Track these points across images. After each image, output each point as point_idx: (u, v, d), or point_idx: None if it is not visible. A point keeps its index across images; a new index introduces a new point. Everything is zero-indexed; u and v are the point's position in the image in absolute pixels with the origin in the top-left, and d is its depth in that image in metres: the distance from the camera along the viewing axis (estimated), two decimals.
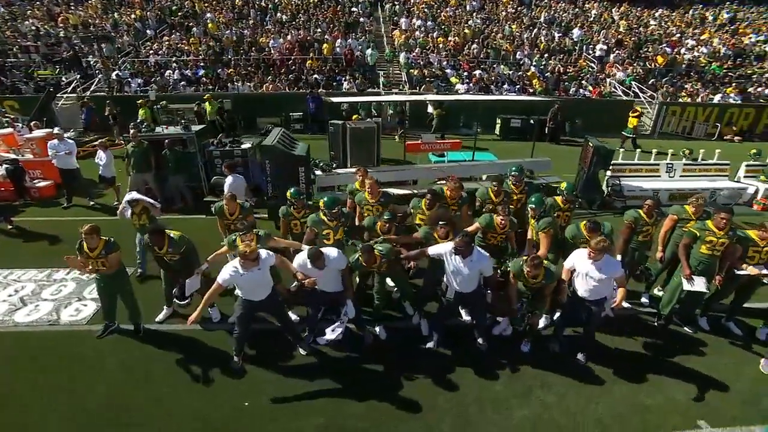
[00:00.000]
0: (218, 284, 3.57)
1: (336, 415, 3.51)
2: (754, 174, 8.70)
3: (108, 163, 7.58)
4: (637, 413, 3.63)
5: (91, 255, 3.88)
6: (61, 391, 3.70)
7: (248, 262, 3.40)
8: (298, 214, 4.62)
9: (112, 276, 4.10)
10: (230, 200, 4.58)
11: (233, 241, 4.05)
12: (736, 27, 22.24)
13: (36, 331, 4.52)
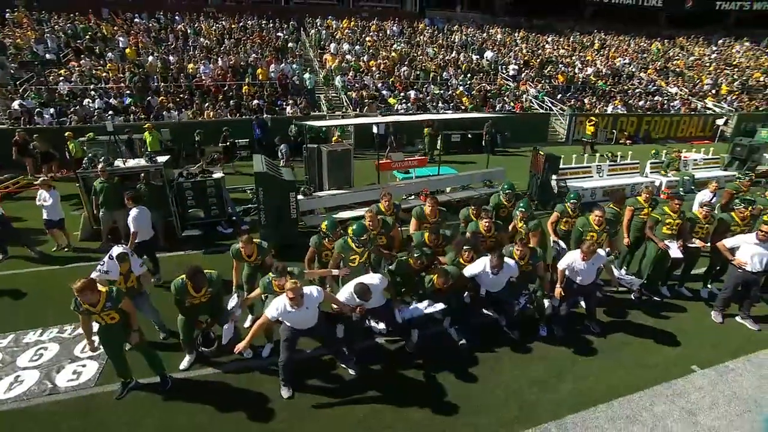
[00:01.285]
0: (266, 318, 3.56)
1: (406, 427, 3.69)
2: (656, 170, 10.75)
3: (55, 203, 6.74)
4: (646, 371, 4.40)
5: (94, 310, 3.52)
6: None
7: (296, 302, 3.45)
8: (330, 245, 4.67)
9: (117, 323, 3.70)
10: (247, 243, 4.39)
11: (268, 283, 3.99)
12: (607, 52, 27.00)
13: (31, 405, 3.90)
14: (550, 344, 4.78)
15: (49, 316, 5.16)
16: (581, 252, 4.43)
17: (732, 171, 10.96)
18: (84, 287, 3.32)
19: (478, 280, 4.56)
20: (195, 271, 3.76)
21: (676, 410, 3.90)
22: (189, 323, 4.14)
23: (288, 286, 3.42)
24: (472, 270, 4.45)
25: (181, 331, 4.15)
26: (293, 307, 3.46)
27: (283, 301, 3.48)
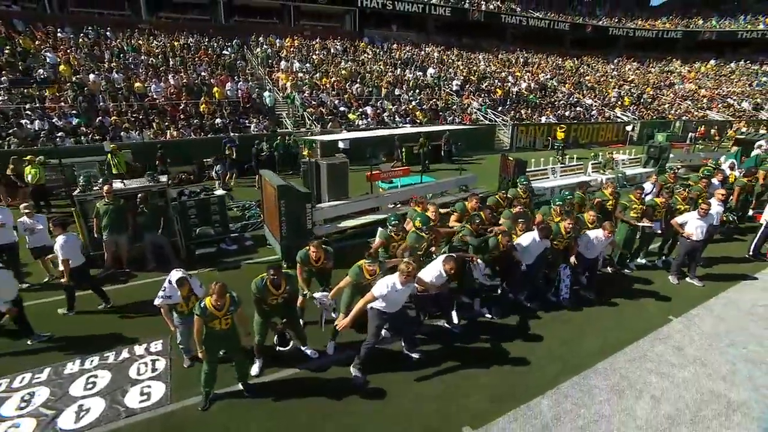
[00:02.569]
0: (372, 296, 4.07)
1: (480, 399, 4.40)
2: (597, 170, 12.75)
3: (45, 228, 6.40)
4: (638, 324, 5.58)
5: (218, 314, 3.78)
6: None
7: (409, 279, 4.04)
8: (398, 237, 5.25)
9: (228, 331, 3.95)
10: (318, 247, 4.77)
11: (359, 271, 4.48)
12: (532, 68, 30.59)
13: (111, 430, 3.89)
14: (563, 311, 5.81)
15: (78, 346, 5.01)
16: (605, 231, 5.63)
17: (649, 168, 13.38)
18: (221, 291, 3.60)
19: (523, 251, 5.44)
20: (277, 268, 4.13)
21: (669, 348, 5.06)
22: (265, 325, 4.42)
23: (403, 266, 3.97)
24: (527, 239, 5.37)
25: (258, 333, 4.39)
26: (402, 284, 4.00)
27: (393, 279, 4.01)
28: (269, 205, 7.09)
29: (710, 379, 4.55)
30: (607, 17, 39.69)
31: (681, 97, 30.97)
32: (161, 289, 4.25)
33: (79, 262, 5.59)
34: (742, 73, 37.81)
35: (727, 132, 21.81)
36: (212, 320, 3.74)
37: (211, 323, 3.75)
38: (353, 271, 4.50)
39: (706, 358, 4.90)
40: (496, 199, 7.06)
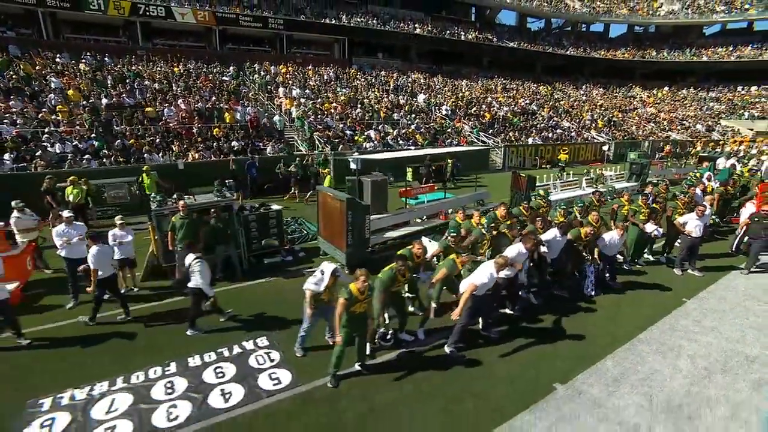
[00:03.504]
0: (475, 285, 5.05)
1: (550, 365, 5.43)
2: (590, 184, 14.40)
3: (132, 240, 7.01)
4: (660, 307, 6.81)
5: (361, 298, 4.56)
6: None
7: (502, 268, 5.07)
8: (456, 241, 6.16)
9: (363, 315, 4.74)
10: (420, 244, 5.78)
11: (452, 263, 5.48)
12: (512, 93, 33.14)
13: (261, 407, 4.55)
14: (595, 300, 6.97)
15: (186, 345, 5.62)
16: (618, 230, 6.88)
17: (633, 183, 15.20)
18: (367, 276, 4.44)
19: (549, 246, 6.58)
20: (403, 259, 5.07)
21: (690, 322, 6.28)
22: (381, 312, 5.29)
23: (500, 260, 5.04)
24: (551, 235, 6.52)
25: (376, 318, 5.17)
26: (496, 272, 5.01)
27: (490, 269, 5.01)
28: (331, 217, 7.96)
29: (728, 341, 5.78)
30: (573, 47, 43.57)
31: (645, 119, 34.32)
32: (313, 276, 5.05)
33: (107, 273, 6.02)
34: (693, 98, 42.28)
35: (689, 150, 24.55)
36: (354, 304, 4.57)
37: (352, 307, 4.58)
38: (448, 263, 5.48)
39: (720, 328, 6.14)
40: (519, 210, 8.16)
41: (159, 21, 24.79)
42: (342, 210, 7.44)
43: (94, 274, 5.82)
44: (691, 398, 4.61)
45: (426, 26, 35.30)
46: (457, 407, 4.44)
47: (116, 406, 4.48)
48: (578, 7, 44.78)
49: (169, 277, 7.52)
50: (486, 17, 42.98)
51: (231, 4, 27.41)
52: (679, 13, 44.24)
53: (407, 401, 4.53)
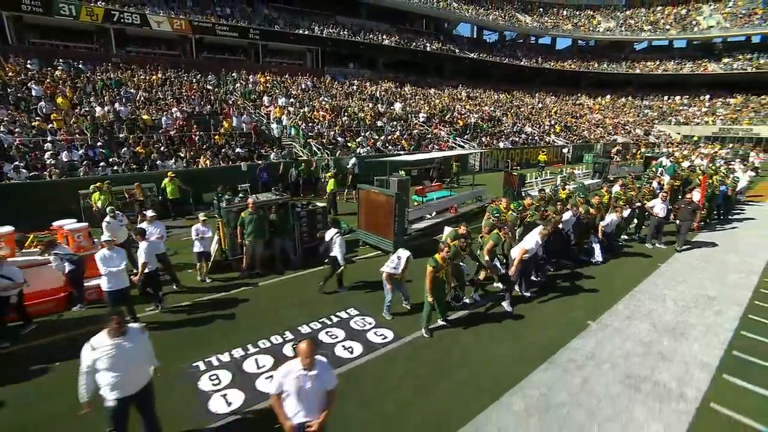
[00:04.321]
0: (525, 250, 6.70)
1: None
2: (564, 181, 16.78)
3: (212, 236, 7.99)
4: (641, 272, 8.90)
5: (444, 265, 6.05)
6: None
7: (545, 236, 6.78)
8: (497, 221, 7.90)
9: (444, 280, 6.23)
10: (466, 226, 7.34)
11: (498, 236, 7.09)
12: (477, 101, 35.98)
13: (381, 354, 5.79)
14: (592, 266, 8.94)
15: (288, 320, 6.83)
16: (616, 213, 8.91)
17: (597, 179, 17.87)
18: (449, 248, 5.94)
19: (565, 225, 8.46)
20: (464, 236, 6.63)
21: (666, 279, 8.39)
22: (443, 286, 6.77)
23: (542, 230, 6.70)
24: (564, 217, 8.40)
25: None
26: (541, 240, 6.70)
27: (536, 237, 6.68)
28: (377, 211, 9.34)
29: (695, 288, 7.90)
30: (525, 58, 47.71)
31: (594, 124, 38.59)
32: (391, 261, 6.46)
33: (153, 267, 6.75)
34: (631, 106, 47.85)
35: (634, 152, 28.37)
36: (440, 270, 6.05)
37: (438, 273, 6.06)
38: (494, 236, 7.13)
39: (688, 281, 8.29)
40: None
41: (134, 28, 24.72)
42: (391, 204, 8.88)
43: (143, 267, 6.57)
44: (679, 324, 6.56)
45: (393, 38, 37.43)
46: (522, 341, 6.05)
47: (262, 363, 5.59)
48: (528, 22, 49.18)
49: (234, 269, 8.53)
50: (445, 29, 46.06)
51: (204, 13, 27.83)
52: (615, 30, 49.98)
53: (486, 341, 6.08)
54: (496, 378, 5.17)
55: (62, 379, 4.90)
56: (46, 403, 4.64)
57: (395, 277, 6.50)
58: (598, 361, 5.54)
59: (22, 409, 4.58)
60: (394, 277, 6.50)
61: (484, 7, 46.98)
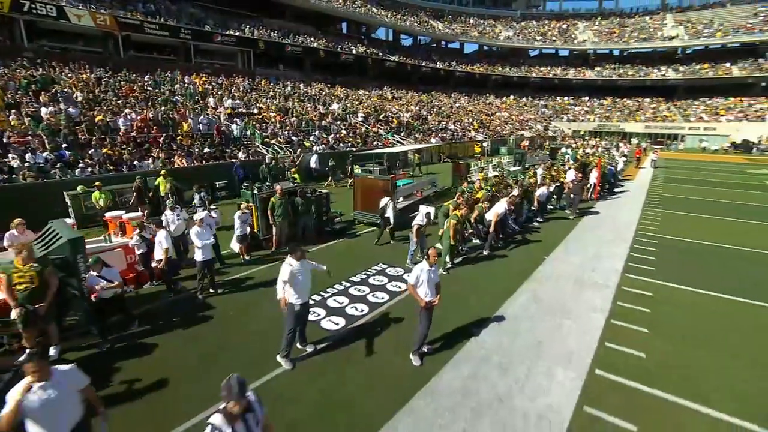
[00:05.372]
0: (498, 214, 9.69)
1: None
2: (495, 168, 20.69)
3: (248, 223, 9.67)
4: (563, 229, 12.62)
5: (461, 221, 8.83)
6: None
7: (511, 205, 9.82)
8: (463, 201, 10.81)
9: (458, 231, 8.98)
10: (462, 194, 10.10)
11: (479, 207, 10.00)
12: (402, 101, 39.56)
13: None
14: (532, 226, 12.42)
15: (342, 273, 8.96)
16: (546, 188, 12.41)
17: (518, 167, 22.18)
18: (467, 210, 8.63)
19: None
20: (469, 204, 9.40)
21: (580, 232, 12.13)
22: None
23: (511, 200, 9.70)
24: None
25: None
26: (508, 207, 9.71)
27: (504, 205, 9.67)
28: (372, 194, 11.65)
29: (600, 240, 11.69)
30: (440, 61, 52.90)
31: (503, 121, 44.77)
32: (419, 216, 9.01)
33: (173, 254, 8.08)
34: (531, 105, 55.87)
35: (539, 144, 34.27)
36: (459, 224, 8.74)
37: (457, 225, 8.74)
38: (479, 208, 10.03)
39: (597, 231, 12.12)
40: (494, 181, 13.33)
41: (47, 21, 23.22)
42: (387, 186, 11.32)
43: (165, 253, 7.51)
44: (593, 262, 10.06)
45: (320, 41, 39.33)
46: (504, 268, 9.03)
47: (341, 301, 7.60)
48: (441, 28, 54.54)
49: (264, 247, 10.26)
50: (365, 33, 49.18)
51: (127, 9, 26.98)
52: (513, 39, 57.77)
53: (492, 271, 8.95)
54: (487, 291, 8.00)
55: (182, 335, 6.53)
56: (194, 343, 6.30)
57: (422, 229, 9.00)
58: (557, 276, 8.71)
59: (176, 350, 6.16)
60: (421, 229, 8.99)
61: (400, 12, 51.04)
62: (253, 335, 6.26)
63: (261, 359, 5.58)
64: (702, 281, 8.44)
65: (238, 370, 4.85)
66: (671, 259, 9.78)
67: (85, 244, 6.16)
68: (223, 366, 5.43)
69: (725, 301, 7.67)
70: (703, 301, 7.65)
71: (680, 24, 52.93)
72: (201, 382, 5.11)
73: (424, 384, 5.12)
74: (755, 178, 23.95)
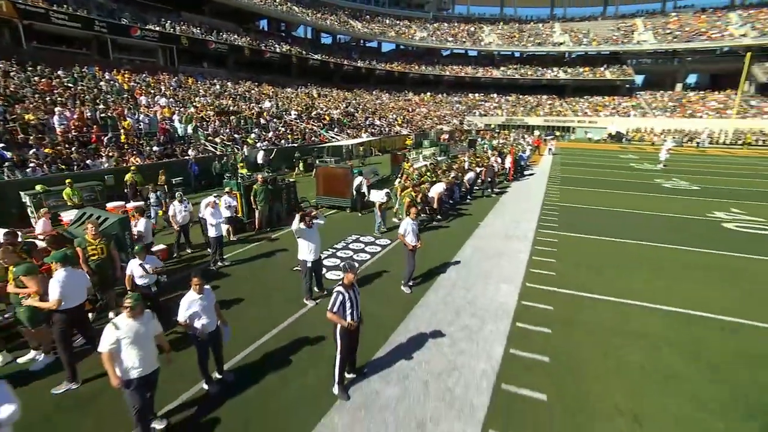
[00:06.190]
0: (439, 192, 12.27)
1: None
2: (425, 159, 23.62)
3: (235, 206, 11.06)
4: (487, 205, 15.78)
5: (416, 199, 11.20)
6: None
7: (449, 185, 12.48)
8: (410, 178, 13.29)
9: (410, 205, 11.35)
10: (409, 177, 12.51)
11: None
12: (328, 99, 41.25)
13: (391, 249, 10.56)
14: (465, 202, 15.38)
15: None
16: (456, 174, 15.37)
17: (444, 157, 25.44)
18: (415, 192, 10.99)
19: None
20: (416, 186, 11.79)
21: (502, 205, 15.33)
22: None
23: (450, 180, 12.29)
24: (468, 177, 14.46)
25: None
26: (446, 187, 12.34)
27: (444, 185, 12.26)
28: (335, 181, 13.54)
29: (520, 209, 14.97)
30: (360, 60, 55.35)
31: (424, 117, 48.63)
32: (380, 196, 11.15)
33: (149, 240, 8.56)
34: (446, 101, 60.89)
35: (458, 137, 38.41)
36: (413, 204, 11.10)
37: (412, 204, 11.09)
38: (423, 189, 12.53)
39: (518, 204, 15.40)
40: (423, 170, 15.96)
41: None
42: (348, 173, 13.36)
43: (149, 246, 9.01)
44: (514, 224, 13.18)
45: (244, 38, 39.39)
46: (451, 233, 11.64)
47: (332, 263, 9.58)
48: (360, 27, 56.95)
49: (247, 229, 11.69)
50: (286, 31, 49.79)
51: None
52: (427, 39, 62.30)
53: (442, 235, 11.45)
54: (442, 248, 10.54)
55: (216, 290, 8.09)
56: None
57: (382, 206, 11.24)
58: (489, 235, 11.54)
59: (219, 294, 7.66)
60: (382, 206, 11.23)
61: (320, 11, 52.42)
62: (271, 288, 7.99)
63: (289, 302, 7.36)
64: (589, 230, 11.85)
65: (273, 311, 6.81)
66: (569, 219, 13.23)
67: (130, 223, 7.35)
68: (263, 305, 7.15)
69: (604, 241, 11.07)
70: (590, 242, 10.96)
71: (566, 32, 61.68)
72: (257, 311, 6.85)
73: (417, 301, 7.38)
74: (623, 161, 30.15)
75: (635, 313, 7.07)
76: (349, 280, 4.74)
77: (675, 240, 11.03)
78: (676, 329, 6.52)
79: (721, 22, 53.27)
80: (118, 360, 4.00)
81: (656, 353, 5.85)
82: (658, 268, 9.13)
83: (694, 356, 5.80)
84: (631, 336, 6.29)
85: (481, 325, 6.56)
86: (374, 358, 5.69)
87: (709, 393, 5.04)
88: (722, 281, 8.46)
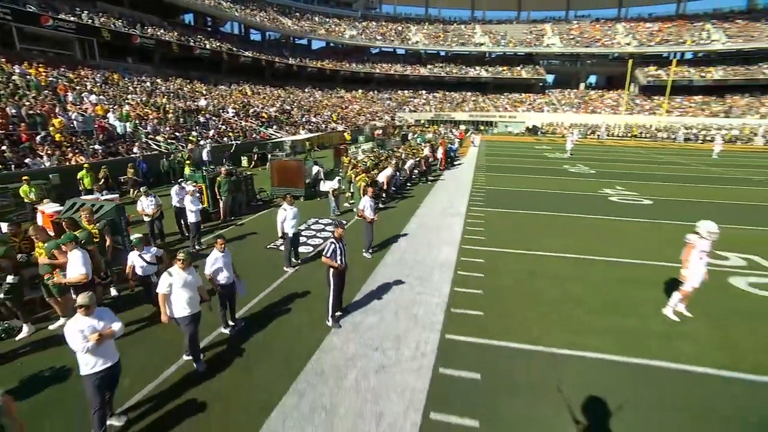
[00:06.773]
0: (387, 177, 14.15)
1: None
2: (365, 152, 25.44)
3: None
4: (443, 197, 18.05)
5: (369, 183, 12.90)
6: None
7: (396, 170, 14.38)
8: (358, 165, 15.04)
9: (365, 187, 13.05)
10: (360, 163, 14.17)
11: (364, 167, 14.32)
12: (262, 96, 41.37)
13: None
14: (413, 183, 17.47)
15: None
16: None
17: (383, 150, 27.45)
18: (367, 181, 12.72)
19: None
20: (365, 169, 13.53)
21: (442, 186, 17.64)
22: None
23: (396, 165, 14.18)
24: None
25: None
26: (394, 172, 14.23)
27: (391, 170, 14.14)
28: (289, 172, 14.80)
29: (457, 188, 17.35)
30: (291, 57, 55.61)
31: (357, 113, 50.38)
32: (333, 184, 12.74)
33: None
34: (377, 98, 63.19)
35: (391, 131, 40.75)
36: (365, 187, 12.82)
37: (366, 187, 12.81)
38: (372, 174, 14.34)
39: (447, 187, 17.76)
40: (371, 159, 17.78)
41: None
42: (301, 165, 14.74)
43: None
44: (449, 204, 15.46)
45: (170, 33, 38.16)
46: (397, 212, 13.57)
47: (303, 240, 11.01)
48: (290, 25, 57.11)
49: (213, 219, 12.65)
50: (213, 26, 48.67)
51: None
52: (357, 38, 64.03)
53: (390, 214, 13.28)
54: (391, 224, 12.44)
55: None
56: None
57: (335, 192, 12.87)
58: (429, 213, 13.64)
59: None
60: (335, 192, 12.86)
61: (249, 7, 51.82)
62: (254, 262, 9.29)
63: (272, 271, 8.75)
64: (511, 206, 14.42)
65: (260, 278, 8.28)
66: (494, 198, 15.76)
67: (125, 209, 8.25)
68: (249, 275, 8.47)
69: (523, 214, 13.64)
70: (511, 215, 13.49)
71: (486, 34, 66.90)
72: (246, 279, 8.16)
73: (378, 262, 9.16)
74: (538, 151, 34.47)
75: (547, 260, 9.46)
76: (339, 233, 6.38)
77: (575, 210, 13.98)
78: (578, 269, 8.97)
79: (611, 32, 61.47)
80: (169, 301, 5.27)
81: (564, 284, 8.16)
82: (563, 230, 11.79)
83: (586, 284, 8.22)
84: (545, 276, 8.59)
85: (431, 274, 8.52)
86: (353, 301, 7.38)
87: (595, 302, 7.41)
88: (607, 236, 11.29)
